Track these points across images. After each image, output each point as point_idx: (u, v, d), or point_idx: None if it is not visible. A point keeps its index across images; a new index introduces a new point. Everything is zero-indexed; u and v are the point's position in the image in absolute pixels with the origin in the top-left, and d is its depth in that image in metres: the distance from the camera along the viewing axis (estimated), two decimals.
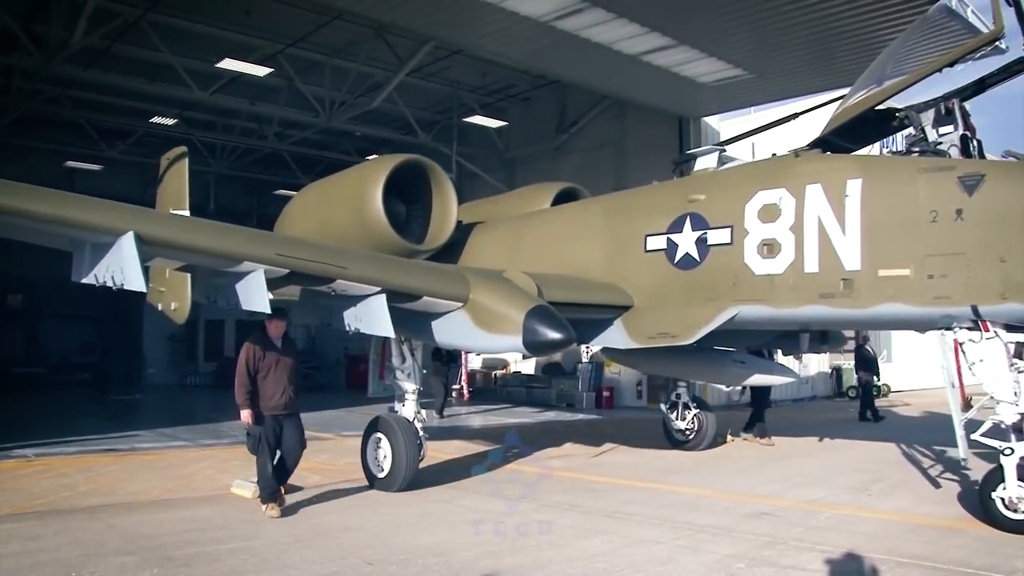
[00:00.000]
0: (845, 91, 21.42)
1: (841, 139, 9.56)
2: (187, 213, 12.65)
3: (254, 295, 7.90)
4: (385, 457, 9.77)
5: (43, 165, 27.25)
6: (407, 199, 12.54)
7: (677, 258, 10.35)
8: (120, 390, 29.09)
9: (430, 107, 26.57)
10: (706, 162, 11.40)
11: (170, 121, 25.99)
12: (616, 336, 10.92)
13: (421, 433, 10.05)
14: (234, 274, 8.00)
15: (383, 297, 8.55)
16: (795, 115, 21.86)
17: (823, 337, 12.90)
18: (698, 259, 10.13)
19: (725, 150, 11.61)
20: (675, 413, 13.74)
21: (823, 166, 9.27)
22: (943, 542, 7.15)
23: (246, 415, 8.36)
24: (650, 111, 22.77)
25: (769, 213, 9.43)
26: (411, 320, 9.38)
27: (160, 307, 12.28)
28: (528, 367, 26.50)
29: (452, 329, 9.35)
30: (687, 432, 13.64)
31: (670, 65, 18.65)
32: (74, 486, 10.05)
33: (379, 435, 9.91)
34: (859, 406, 19.30)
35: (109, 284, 7.23)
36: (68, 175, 29.17)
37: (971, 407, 21.12)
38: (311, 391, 32.40)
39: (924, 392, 27.04)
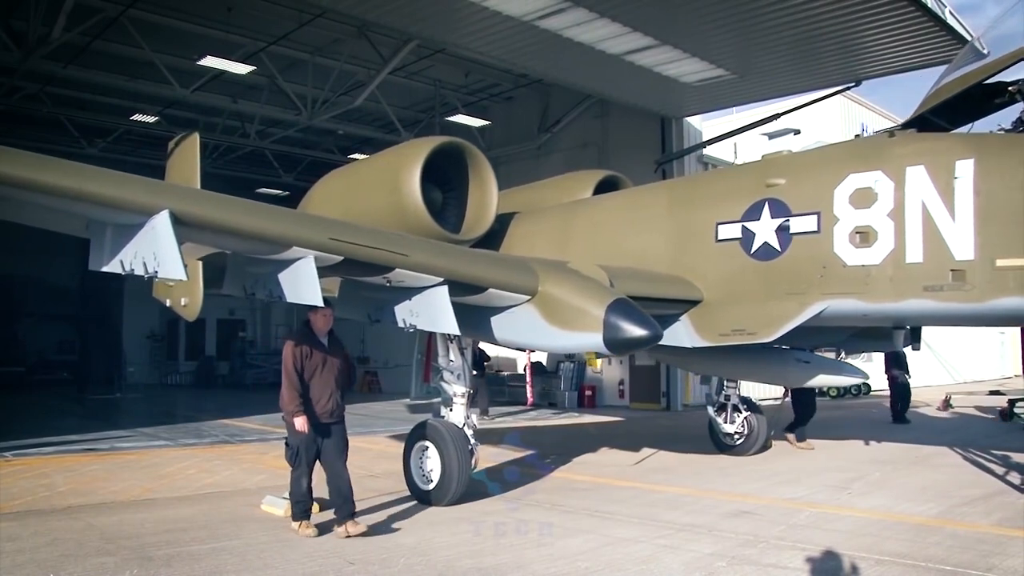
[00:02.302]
0: (826, 92, 21.56)
1: (940, 118, 8.94)
2: None
3: (303, 285, 6.98)
4: (433, 467, 8.84)
5: None
6: (442, 185, 11.45)
7: (754, 248, 9.63)
8: (100, 389, 28.92)
9: (412, 106, 26.50)
10: (782, 144, 10.91)
11: (151, 119, 25.77)
12: (683, 333, 10.12)
13: (472, 440, 9.15)
14: (279, 261, 7.11)
15: (444, 289, 7.73)
16: (777, 115, 22.03)
17: (914, 334, 12.11)
18: (779, 249, 9.41)
19: (703, 154, 11.28)
20: (723, 416, 12.82)
21: (925, 146, 8.62)
22: (921, 539, 7.20)
23: (301, 423, 7.28)
24: (633, 111, 22.80)
25: (863, 198, 8.77)
26: (468, 316, 8.33)
27: (168, 303, 11.26)
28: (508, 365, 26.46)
29: (517, 326, 8.51)
30: (736, 436, 12.75)
31: (653, 65, 18.67)
32: (53, 486, 9.97)
33: (426, 443, 8.97)
34: (890, 406, 18.31)
35: (139, 272, 6.25)
36: None
37: (951, 406, 21.20)
38: None
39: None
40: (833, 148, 9.99)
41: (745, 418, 12.75)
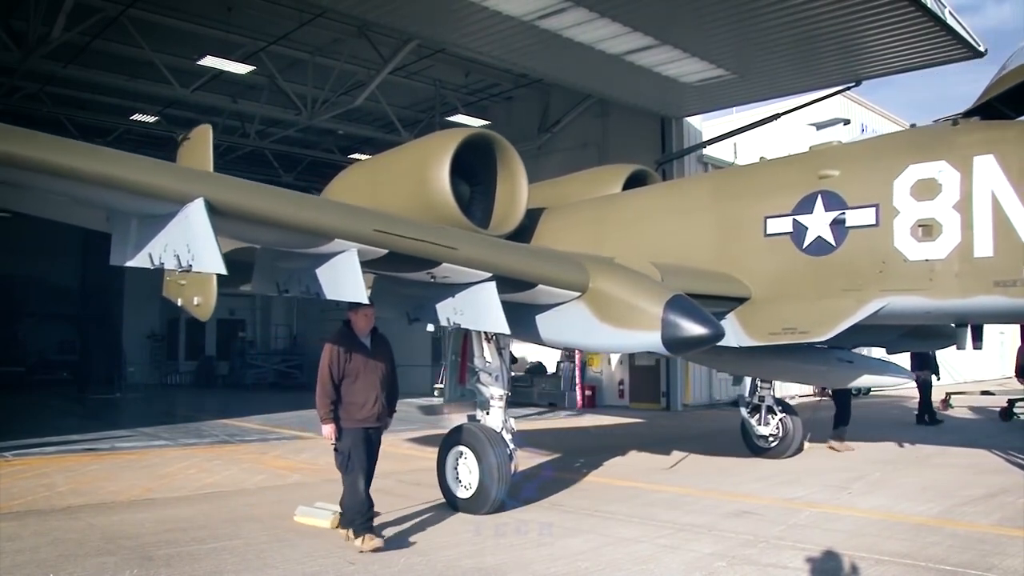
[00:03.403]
0: (826, 92, 21.54)
1: (1004, 106, 8.56)
2: None
3: (345, 280, 6.50)
4: (470, 473, 8.38)
5: None
6: (469, 178, 10.92)
7: (806, 242, 9.24)
8: (100, 389, 28.91)
9: (413, 106, 26.51)
10: (832, 134, 10.52)
11: (151, 119, 25.78)
12: (729, 332, 9.41)
13: (511, 445, 8.61)
14: (317, 256, 6.63)
15: (492, 285, 7.34)
16: (777, 115, 22.05)
17: (976, 332, 11.60)
18: (833, 243, 9.04)
19: (703, 154, 11.02)
20: (757, 417, 12.32)
21: (994, 135, 8.25)
22: (921, 539, 7.20)
23: (328, 430, 6.95)
24: (633, 111, 22.82)
25: (925, 189, 8.38)
26: (512, 314, 7.68)
27: (180, 302, 10.80)
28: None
29: (566, 324, 8.07)
30: (770, 439, 12.27)
31: (653, 65, 18.68)
32: (53, 486, 9.97)
33: (462, 448, 8.49)
34: (918, 407, 17.86)
35: (170, 265, 5.79)
36: None
37: (951, 406, 21.11)
38: (294, 390, 32.38)
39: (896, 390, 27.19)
40: (890, 138, 9.65)
41: (780, 420, 12.30)
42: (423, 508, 8.67)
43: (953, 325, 11.60)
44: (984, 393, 23.31)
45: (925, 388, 17.73)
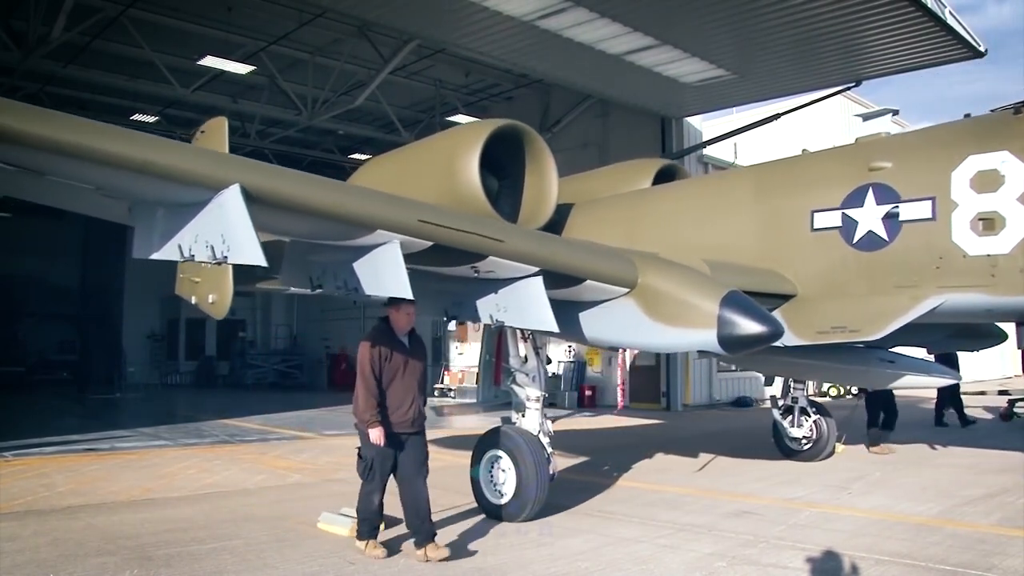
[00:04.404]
0: (826, 92, 21.52)
1: None
2: None
3: (387, 275, 6.05)
4: (507, 480, 8.05)
5: None
6: (497, 171, 10.40)
7: (857, 237, 8.84)
8: (100, 389, 28.95)
9: (413, 106, 26.52)
10: (878, 126, 10.27)
11: (151, 119, 25.80)
12: None
13: (549, 448, 8.36)
14: (355, 248, 6.19)
15: (539, 280, 6.94)
16: (777, 115, 21.99)
17: None
18: (886, 238, 8.63)
19: (703, 154, 10.70)
20: (790, 419, 12.06)
21: None
22: (921, 539, 7.20)
23: (377, 435, 6.43)
24: (633, 111, 22.83)
25: (987, 181, 8.04)
26: (553, 311, 7.19)
27: (194, 300, 10.39)
28: None
29: (613, 321, 7.68)
30: (803, 441, 12.03)
31: (653, 65, 18.69)
32: (53, 486, 9.97)
33: (498, 452, 8.15)
34: (934, 408, 17.38)
35: (202, 257, 5.35)
36: None
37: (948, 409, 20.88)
38: (294, 390, 32.42)
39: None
40: (946, 128, 9.36)
41: (814, 422, 12.04)
42: None
43: (1009, 324, 11.16)
44: (1001, 393, 23.37)
45: (947, 389, 17.07)
